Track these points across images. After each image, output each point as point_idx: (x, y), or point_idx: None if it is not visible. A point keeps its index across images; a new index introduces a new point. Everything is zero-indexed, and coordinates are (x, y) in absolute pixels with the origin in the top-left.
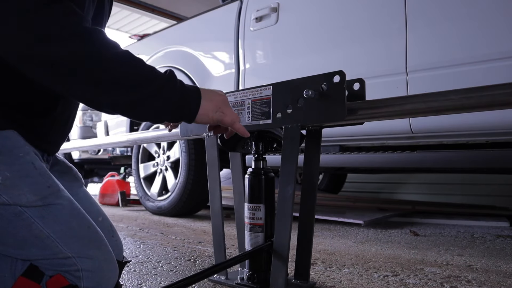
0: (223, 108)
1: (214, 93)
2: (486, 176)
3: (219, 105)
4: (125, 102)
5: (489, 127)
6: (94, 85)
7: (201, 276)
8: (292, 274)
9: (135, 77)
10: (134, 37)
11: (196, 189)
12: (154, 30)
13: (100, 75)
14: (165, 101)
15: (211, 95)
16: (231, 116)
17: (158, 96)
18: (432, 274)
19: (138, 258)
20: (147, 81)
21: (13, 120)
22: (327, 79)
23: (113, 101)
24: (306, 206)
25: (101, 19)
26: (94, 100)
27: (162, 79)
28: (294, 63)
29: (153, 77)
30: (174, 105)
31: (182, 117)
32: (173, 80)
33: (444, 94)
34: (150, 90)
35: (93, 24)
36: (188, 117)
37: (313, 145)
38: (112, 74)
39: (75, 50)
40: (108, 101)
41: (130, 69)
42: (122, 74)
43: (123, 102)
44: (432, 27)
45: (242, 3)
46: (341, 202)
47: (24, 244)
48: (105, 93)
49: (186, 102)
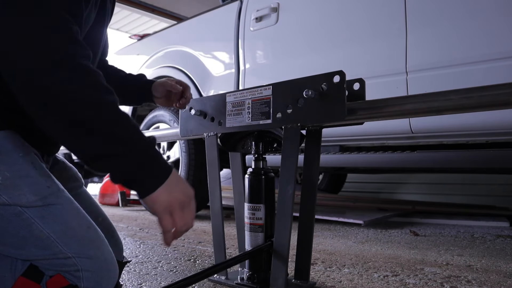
0: (174, 209)
1: (179, 190)
2: (486, 176)
3: (173, 205)
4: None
5: (489, 127)
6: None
7: (201, 276)
8: (292, 274)
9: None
10: (134, 37)
11: (196, 189)
12: (154, 30)
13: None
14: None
15: (174, 189)
16: (172, 223)
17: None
18: (432, 274)
19: (138, 258)
20: (123, 141)
21: (13, 120)
22: (327, 79)
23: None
24: (306, 206)
25: (103, 19)
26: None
27: (141, 145)
28: (294, 63)
29: (136, 139)
30: (130, 175)
31: (134, 189)
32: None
33: (444, 94)
34: (122, 150)
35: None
36: (139, 193)
37: (313, 145)
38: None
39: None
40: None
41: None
42: (103, 124)
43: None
44: (432, 27)
45: (242, 3)
46: (341, 202)
47: (24, 244)
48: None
49: (144, 176)
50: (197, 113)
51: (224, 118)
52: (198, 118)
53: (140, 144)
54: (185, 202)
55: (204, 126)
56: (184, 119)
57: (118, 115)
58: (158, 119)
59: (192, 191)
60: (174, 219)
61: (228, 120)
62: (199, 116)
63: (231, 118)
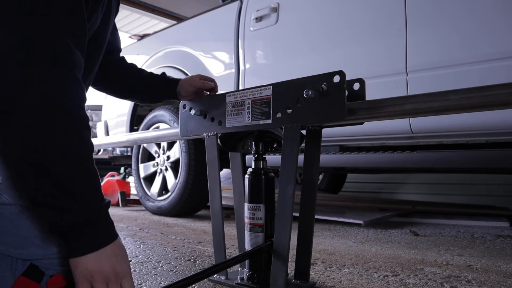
0: (96, 281)
1: (112, 260)
2: (486, 176)
3: (94, 275)
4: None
5: (489, 127)
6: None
7: (201, 276)
8: (292, 274)
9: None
10: (134, 37)
11: (196, 189)
12: (154, 30)
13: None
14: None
15: (106, 258)
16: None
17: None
18: (432, 274)
19: (138, 258)
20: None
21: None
22: (327, 79)
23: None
24: (306, 206)
25: (108, 18)
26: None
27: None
28: (294, 63)
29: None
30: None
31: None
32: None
33: (444, 94)
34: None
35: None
36: (68, 252)
37: (313, 145)
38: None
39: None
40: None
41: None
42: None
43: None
44: (432, 27)
45: (242, 3)
46: (341, 202)
47: (24, 244)
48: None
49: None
50: (197, 113)
51: (224, 118)
52: (198, 118)
53: (94, 203)
54: (111, 278)
55: (204, 126)
56: (184, 119)
57: (86, 169)
58: (158, 119)
59: (128, 270)
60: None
61: (228, 120)
62: (199, 116)
63: (231, 118)
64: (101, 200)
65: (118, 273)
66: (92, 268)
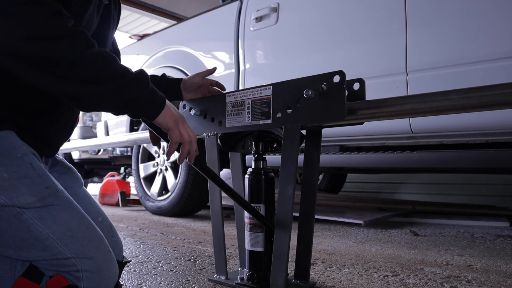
0: (180, 122)
1: (174, 109)
2: (486, 176)
3: (177, 119)
4: (96, 93)
5: (489, 127)
6: (68, 80)
7: None
8: (292, 274)
9: (107, 72)
10: (134, 37)
11: (196, 189)
12: (154, 30)
13: (75, 72)
14: (134, 93)
15: (171, 108)
16: (181, 133)
17: (126, 89)
18: (432, 274)
19: (138, 258)
20: (119, 75)
21: (11, 121)
22: (327, 79)
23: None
24: (306, 206)
25: (107, 25)
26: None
27: (134, 75)
28: (294, 63)
29: (124, 73)
30: (143, 99)
31: (147, 111)
32: (144, 78)
33: (444, 94)
34: (121, 82)
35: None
36: (150, 114)
37: (313, 145)
38: (85, 71)
39: (54, 51)
40: (84, 93)
41: (102, 65)
42: (94, 70)
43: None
44: (432, 27)
45: (242, 3)
46: (341, 202)
47: (23, 245)
48: (80, 87)
49: (153, 100)
50: (197, 113)
51: (224, 118)
52: (198, 118)
53: (136, 74)
54: (182, 117)
55: (204, 126)
56: None
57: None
58: None
59: (182, 115)
60: (180, 130)
61: (228, 120)
62: (199, 116)
63: (231, 118)
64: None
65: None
66: (172, 112)
